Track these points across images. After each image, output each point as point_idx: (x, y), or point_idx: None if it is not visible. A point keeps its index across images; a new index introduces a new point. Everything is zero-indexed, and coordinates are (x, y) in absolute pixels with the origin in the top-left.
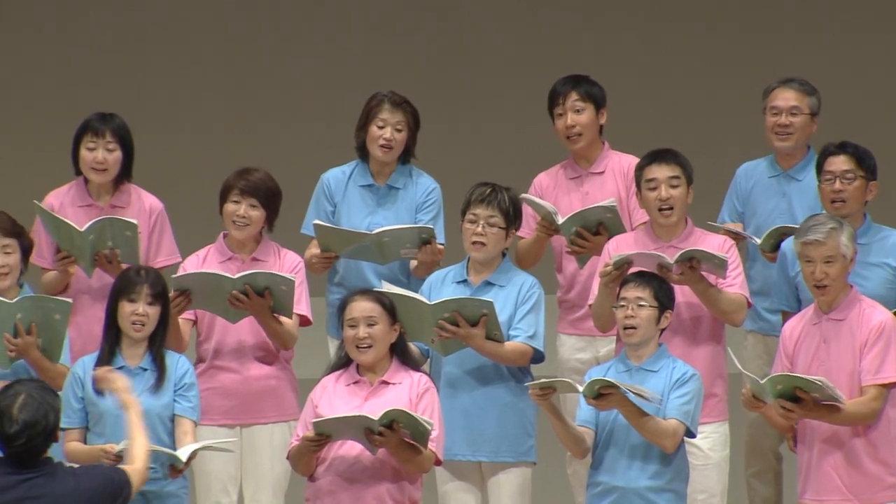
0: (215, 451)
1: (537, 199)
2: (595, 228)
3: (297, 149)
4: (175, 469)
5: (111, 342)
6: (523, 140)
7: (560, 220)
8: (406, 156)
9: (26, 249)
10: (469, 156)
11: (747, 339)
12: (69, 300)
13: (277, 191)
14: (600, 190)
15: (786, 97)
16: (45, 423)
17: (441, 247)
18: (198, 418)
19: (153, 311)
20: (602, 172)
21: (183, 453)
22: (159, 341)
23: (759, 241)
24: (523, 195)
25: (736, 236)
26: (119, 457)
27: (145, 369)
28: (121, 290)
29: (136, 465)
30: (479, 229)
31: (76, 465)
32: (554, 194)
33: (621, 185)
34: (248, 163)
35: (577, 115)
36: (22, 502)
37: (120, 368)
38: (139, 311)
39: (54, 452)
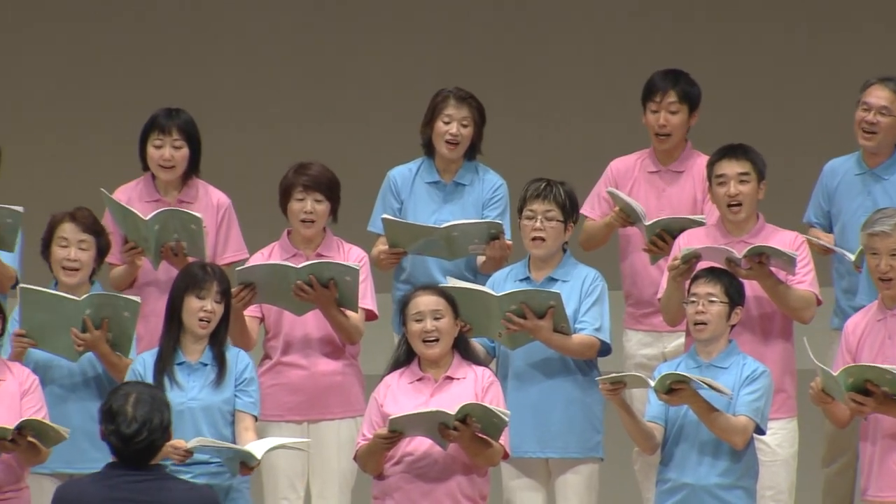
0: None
1: (626, 197)
2: (677, 233)
3: (364, 146)
4: (247, 467)
5: (173, 337)
6: (589, 140)
7: (647, 221)
8: (472, 152)
9: (102, 249)
10: (536, 155)
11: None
12: (138, 299)
13: (337, 181)
14: (677, 190)
15: (878, 95)
16: (160, 418)
17: (510, 242)
18: (259, 413)
19: (220, 309)
20: (682, 172)
21: (258, 451)
22: (220, 337)
23: (852, 256)
24: (609, 188)
25: (825, 251)
26: (189, 452)
27: (206, 364)
28: (188, 286)
29: None
30: (538, 224)
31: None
32: (629, 183)
33: (699, 188)
34: (312, 158)
35: (671, 115)
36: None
37: (180, 364)
38: (207, 308)
39: None
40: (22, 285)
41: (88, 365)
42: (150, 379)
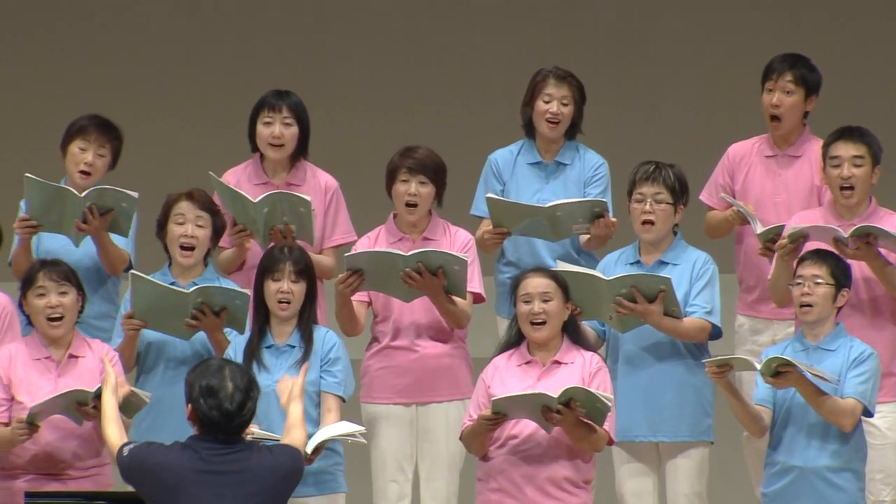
0: (391, 429)
1: (738, 203)
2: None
3: (468, 128)
4: (305, 457)
5: (260, 321)
6: (701, 122)
7: (757, 225)
8: (573, 131)
9: (218, 229)
10: (646, 137)
11: None
12: (248, 292)
13: (443, 165)
14: (793, 174)
15: None
16: (256, 391)
17: (614, 220)
18: (345, 394)
19: (298, 288)
20: (798, 156)
21: (309, 446)
22: (307, 318)
23: None
24: (723, 195)
25: None
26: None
27: (293, 346)
28: (265, 270)
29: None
30: (647, 207)
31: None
32: (745, 167)
33: (816, 172)
34: (419, 142)
35: (785, 96)
36: (227, 475)
37: (269, 347)
38: (283, 289)
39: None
40: (133, 272)
41: (201, 345)
42: (239, 361)
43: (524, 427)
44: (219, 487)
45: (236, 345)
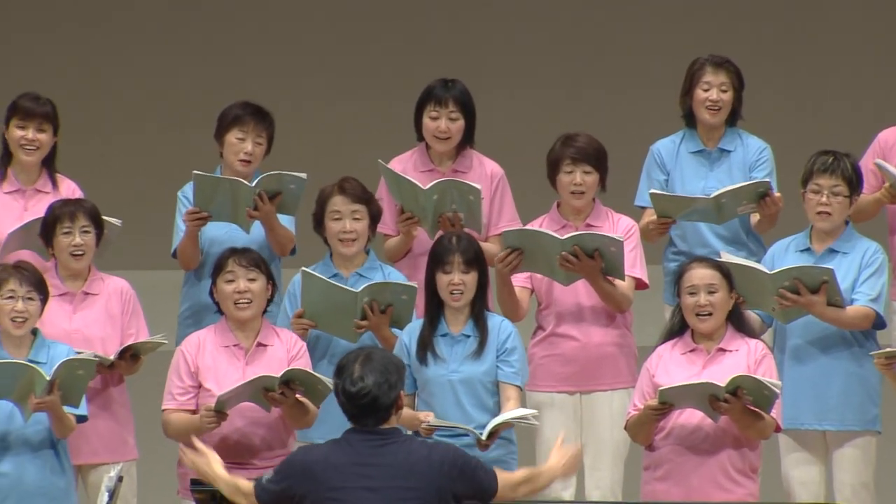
0: (555, 418)
1: (892, 169)
2: None
3: (628, 116)
4: (480, 443)
5: (433, 310)
6: (857, 109)
7: None
8: (733, 117)
9: (375, 216)
10: (805, 123)
11: None
12: (414, 284)
13: (604, 150)
14: None
15: None
16: (386, 378)
17: (779, 195)
18: (522, 383)
19: (469, 279)
20: None
21: (485, 431)
22: (479, 306)
23: None
24: (877, 160)
25: None
26: (430, 429)
27: (468, 336)
28: (435, 261)
29: (515, 473)
30: (824, 199)
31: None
32: None
33: None
34: (582, 128)
35: None
36: (381, 468)
37: (443, 336)
38: (454, 281)
39: None
40: (303, 269)
41: (369, 339)
42: (414, 350)
43: (690, 416)
44: (372, 480)
45: (411, 332)
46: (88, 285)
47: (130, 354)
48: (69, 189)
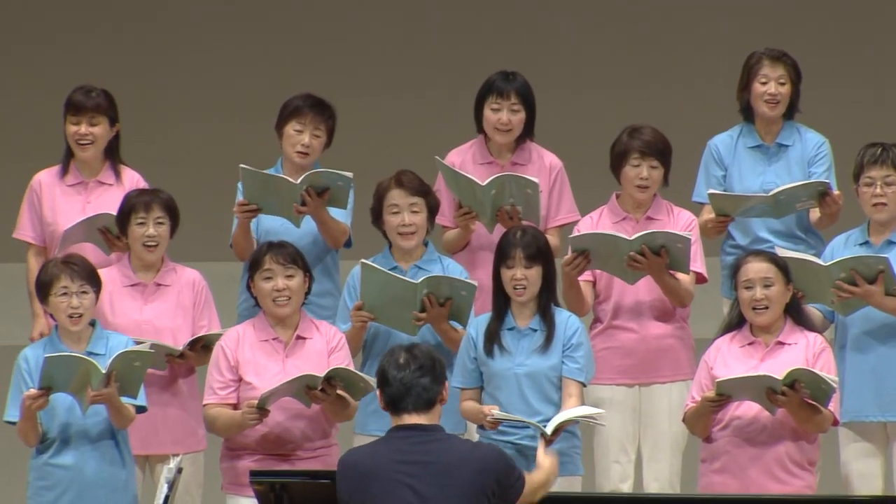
0: (614, 410)
1: None
2: None
3: (684, 111)
4: (545, 438)
5: (500, 304)
6: None
7: None
8: (791, 111)
9: (433, 208)
10: (866, 118)
11: None
12: (475, 282)
13: (669, 145)
14: None
15: None
16: (431, 377)
17: (838, 193)
18: (586, 379)
19: (531, 274)
20: None
21: (549, 427)
22: (546, 300)
23: None
24: None
25: None
26: (495, 422)
27: (535, 330)
28: (499, 257)
29: (534, 476)
30: (878, 190)
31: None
32: None
33: None
34: (641, 121)
35: None
36: (422, 465)
37: (510, 330)
38: (517, 276)
39: (450, 412)
40: (363, 262)
41: (428, 333)
42: (481, 344)
43: (748, 408)
44: (414, 478)
45: (478, 325)
46: (160, 276)
47: (201, 345)
48: (132, 180)
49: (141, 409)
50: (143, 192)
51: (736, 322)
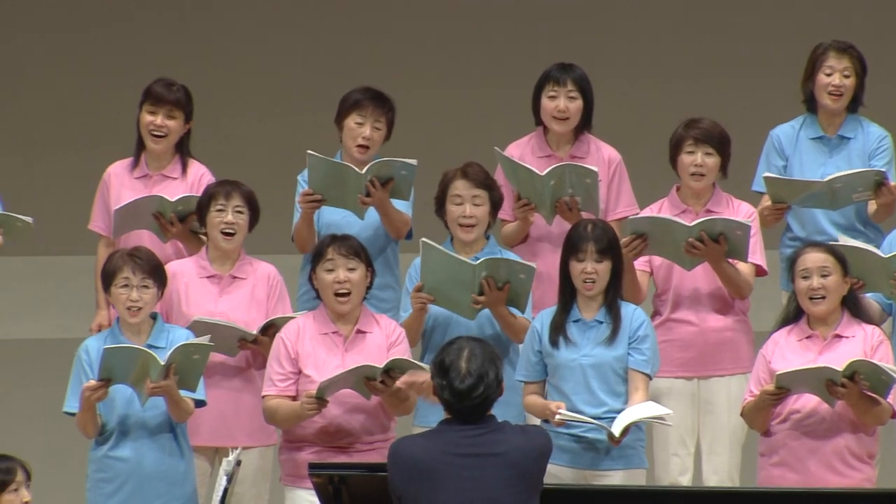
0: (673, 403)
1: None
2: None
3: (747, 102)
4: (612, 439)
5: (566, 296)
6: None
7: None
8: (854, 104)
9: (496, 203)
10: None
11: None
12: (533, 265)
13: (727, 136)
14: None
15: None
16: (495, 373)
17: (895, 184)
18: (652, 371)
19: (601, 268)
20: None
21: (616, 428)
22: (613, 294)
23: None
24: None
25: None
26: (561, 421)
27: (600, 322)
28: (569, 248)
29: None
30: None
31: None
32: None
33: None
34: (700, 114)
35: None
36: (479, 458)
37: (576, 322)
38: (587, 270)
39: (512, 405)
40: (424, 240)
41: (487, 322)
42: (546, 336)
43: (807, 401)
44: (471, 470)
45: (542, 318)
46: (236, 269)
47: (273, 332)
48: (197, 174)
49: (200, 403)
50: (224, 181)
51: (793, 315)
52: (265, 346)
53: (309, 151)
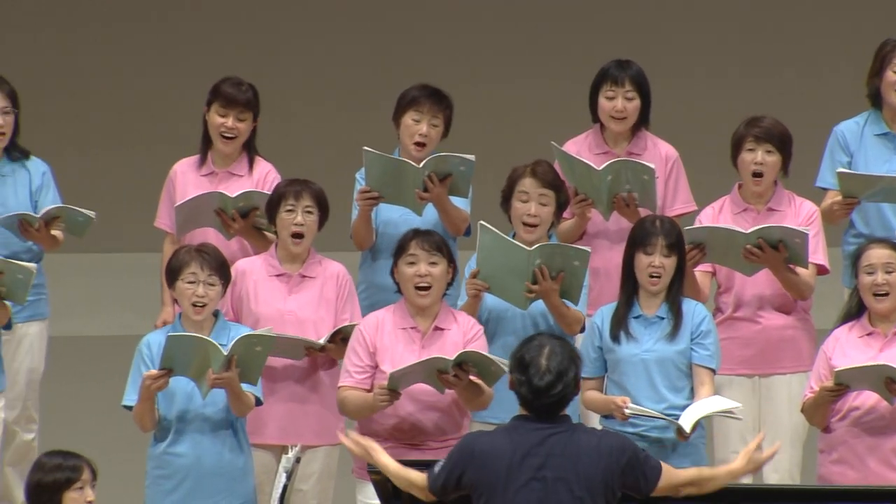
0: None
1: None
2: None
3: (810, 98)
4: (682, 434)
5: (629, 292)
6: None
7: None
8: None
9: (561, 204)
10: None
11: None
12: (588, 249)
13: (789, 134)
14: None
15: None
16: (574, 371)
17: None
18: (716, 366)
19: (669, 263)
20: None
21: (686, 422)
22: (676, 290)
23: None
24: None
25: None
26: (627, 414)
27: (662, 318)
28: (636, 242)
29: (672, 472)
30: None
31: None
32: None
33: None
34: (760, 111)
35: None
36: (545, 458)
37: (637, 318)
38: (655, 264)
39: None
40: (482, 223)
41: (540, 315)
42: (606, 332)
43: (866, 398)
44: (540, 469)
45: (602, 314)
46: (306, 268)
47: (341, 338)
48: (263, 172)
49: (257, 402)
50: (293, 180)
51: (855, 311)
52: (334, 353)
53: (365, 148)
